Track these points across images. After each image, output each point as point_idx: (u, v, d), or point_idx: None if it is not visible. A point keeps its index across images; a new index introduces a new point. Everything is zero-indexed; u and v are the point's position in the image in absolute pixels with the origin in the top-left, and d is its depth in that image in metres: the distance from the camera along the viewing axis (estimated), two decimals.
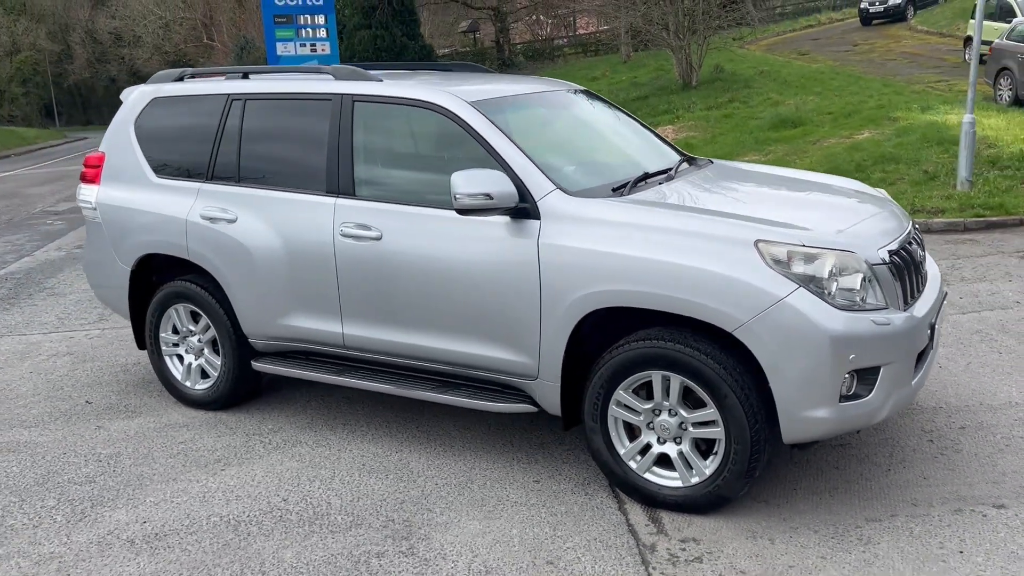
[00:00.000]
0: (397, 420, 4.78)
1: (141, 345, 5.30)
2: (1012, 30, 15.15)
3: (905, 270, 3.63)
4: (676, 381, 3.55)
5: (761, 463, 3.51)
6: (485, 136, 3.99)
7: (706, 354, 3.45)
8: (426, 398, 4.24)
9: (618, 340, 3.74)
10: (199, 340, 5.00)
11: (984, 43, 19.21)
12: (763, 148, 12.92)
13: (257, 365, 4.78)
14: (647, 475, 3.73)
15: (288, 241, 4.45)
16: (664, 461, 3.71)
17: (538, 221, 3.80)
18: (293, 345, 4.68)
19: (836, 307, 3.30)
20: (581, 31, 47.06)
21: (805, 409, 3.32)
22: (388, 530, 3.65)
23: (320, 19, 26.40)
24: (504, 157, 3.91)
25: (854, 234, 3.61)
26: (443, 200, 4.16)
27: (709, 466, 3.58)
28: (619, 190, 4.00)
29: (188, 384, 5.09)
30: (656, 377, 3.59)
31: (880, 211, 4.05)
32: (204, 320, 4.91)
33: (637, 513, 3.70)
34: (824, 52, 25.43)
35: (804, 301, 3.28)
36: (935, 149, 11.18)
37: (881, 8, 31.07)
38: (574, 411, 3.93)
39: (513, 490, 3.95)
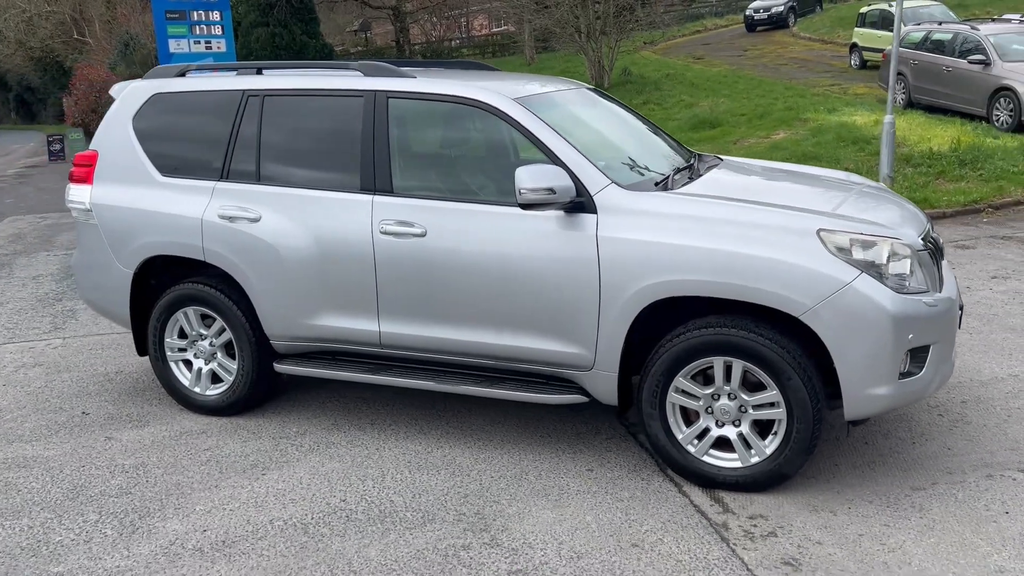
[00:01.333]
0: (423, 417, 4.77)
1: (142, 352, 5.09)
2: (904, 38, 16.20)
3: (933, 256, 3.93)
4: (738, 366, 3.72)
5: (819, 440, 3.73)
6: (536, 132, 4.06)
7: (769, 339, 3.64)
8: (472, 393, 4.27)
9: (666, 329, 3.89)
10: (211, 344, 4.85)
11: (876, 50, 20.55)
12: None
13: (280, 367, 4.68)
14: (705, 458, 3.89)
15: (320, 239, 4.38)
16: (720, 444, 3.88)
17: (594, 215, 3.90)
18: (320, 345, 4.61)
19: (893, 291, 3.55)
20: (475, 33, 47.26)
21: (868, 387, 3.56)
22: (464, 523, 3.67)
23: (215, 15, 25.54)
24: (557, 153, 3.99)
25: (895, 223, 3.88)
26: (489, 196, 4.22)
27: (769, 445, 3.77)
28: (661, 184, 4.14)
29: (197, 390, 4.92)
30: (718, 363, 3.76)
31: (900, 202, 4.35)
32: (218, 323, 4.77)
33: (698, 495, 3.85)
34: (718, 56, 26.47)
35: (867, 286, 3.51)
36: (852, 148, 11.89)
37: (765, 15, 32.56)
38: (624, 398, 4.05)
39: (570, 479, 4.03)
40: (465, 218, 4.14)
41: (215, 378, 4.91)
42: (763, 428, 3.82)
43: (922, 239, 3.88)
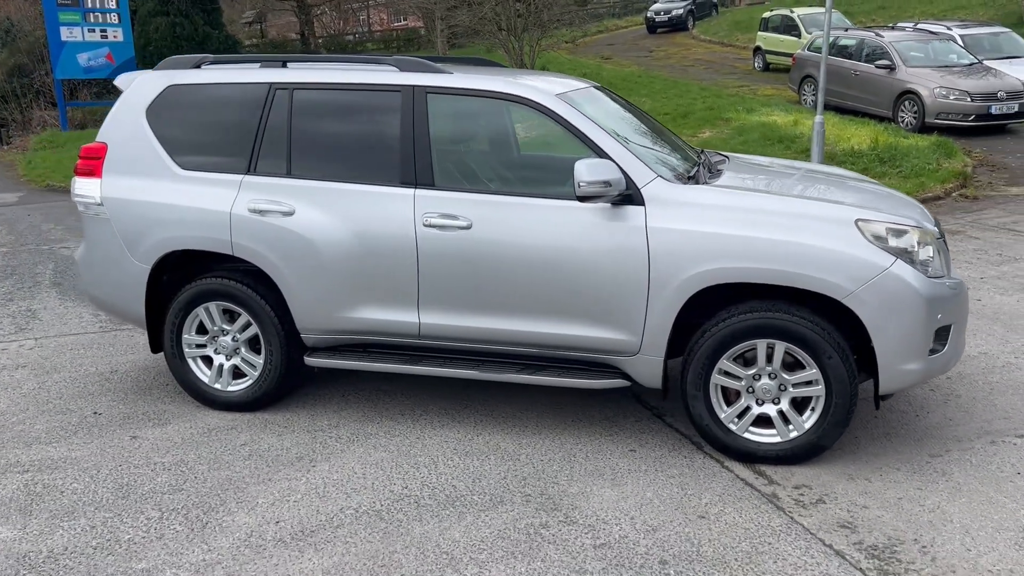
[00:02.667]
0: (451, 407, 4.87)
1: (156, 349, 4.99)
2: (812, 43, 17.15)
3: (944, 244, 4.32)
4: (780, 347, 4.00)
5: (853, 413, 4.05)
6: (581, 127, 4.23)
7: (811, 321, 3.93)
8: (516, 380, 4.41)
9: (701, 314, 4.13)
10: (233, 339, 4.80)
11: (778, 53, 21.57)
12: None
13: (311, 360, 4.69)
14: (746, 435, 4.15)
15: (359, 233, 4.42)
16: (759, 421, 4.15)
17: (642, 207, 4.10)
18: (354, 338, 4.64)
19: (924, 275, 3.90)
20: (376, 28, 46.77)
21: (902, 363, 3.90)
22: (533, 504, 3.82)
23: (111, 3, 24.54)
24: (604, 147, 4.17)
25: (915, 213, 4.25)
26: (534, 189, 4.37)
27: (807, 421, 4.06)
28: (693, 177, 4.38)
29: (218, 386, 4.87)
30: (761, 345, 4.03)
31: (900, 195, 4.74)
32: (243, 318, 4.73)
33: (740, 469, 4.12)
34: (626, 57, 27.20)
35: (903, 271, 3.85)
36: (778, 146, 12.53)
37: (665, 18, 33.67)
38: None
39: (617, 460, 4.23)
40: (511, 211, 4.27)
41: (235, 374, 4.87)
42: (799, 405, 4.11)
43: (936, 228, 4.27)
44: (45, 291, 7.57)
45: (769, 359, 4.04)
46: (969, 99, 13.59)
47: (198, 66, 4.90)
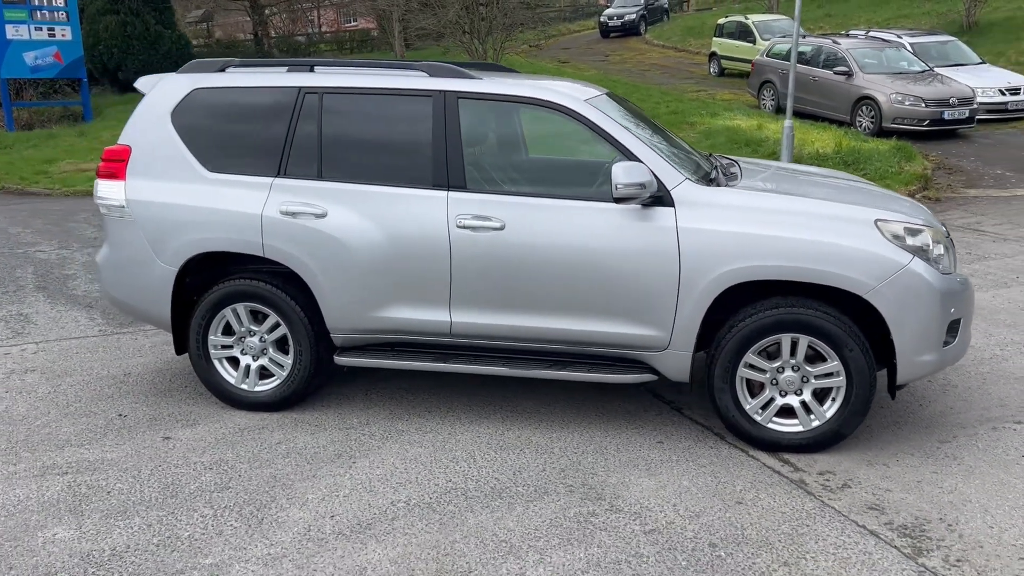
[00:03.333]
0: (475, 404, 4.99)
1: (180, 350, 5.02)
2: (770, 49, 17.65)
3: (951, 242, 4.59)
4: (804, 341, 4.22)
5: (871, 402, 4.29)
6: (611, 132, 4.40)
7: (833, 316, 4.16)
8: (546, 376, 4.56)
9: (725, 309, 4.34)
10: (261, 340, 4.86)
11: (733, 59, 22.09)
12: None
13: (341, 359, 4.77)
14: (770, 425, 4.37)
15: (392, 234, 4.52)
16: (781, 411, 4.37)
17: (671, 208, 4.29)
18: (385, 337, 4.74)
19: (938, 272, 4.16)
20: (327, 29, 46.43)
21: (919, 355, 4.15)
22: (577, 494, 3.97)
23: (59, 1, 23.96)
24: (634, 151, 4.35)
25: (923, 214, 4.51)
26: (564, 191, 4.53)
27: (828, 410, 4.29)
28: (713, 180, 4.58)
29: (245, 387, 4.92)
30: (785, 339, 4.24)
31: (905, 197, 5.01)
32: (272, 319, 4.79)
33: (765, 458, 4.33)
34: (583, 61, 27.55)
35: (920, 268, 4.10)
36: (745, 150, 12.89)
37: (618, 22, 34.15)
38: None
39: (647, 451, 4.41)
40: (544, 212, 4.42)
41: (261, 374, 4.92)
42: (819, 396, 4.33)
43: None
44: (32, 295, 7.46)
45: (792, 352, 4.26)
46: (923, 105, 14.16)
47: (223, 69, 4.94)
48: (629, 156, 4.34)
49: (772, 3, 30.83)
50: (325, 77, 4.76)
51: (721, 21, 23.85)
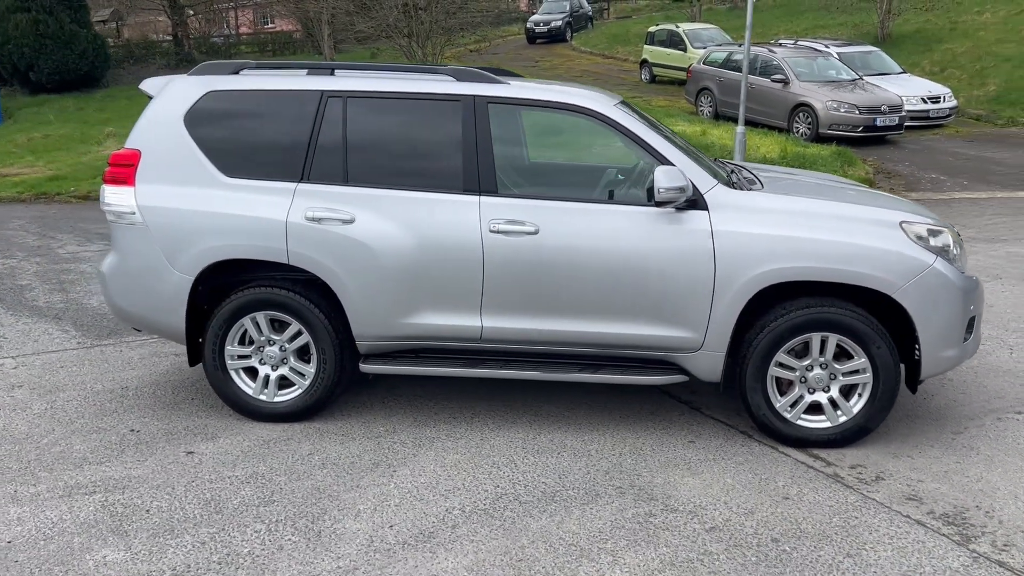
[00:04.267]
0: (498, 409, 4.98)
1: (194, 362, 4.85)
2: (707, 57, 18.11)
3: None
4: (832, 339, 4.36)
5: (896, 397, 4.47)
6: (644, 137, 4.47)
7: (861, 315, 4.32)
8: (580, 380, 4.59)
9: (754, 311, 4.46)
10: (281, 349, 4.74)
11: (664, 66, 22.56)
12: None
13: (366, 367, 4.70)
14: (799, 422, 4.50)
15: (422, 239, 4.48)
16: (809, 408, 4.51)
17: (705, 211, 4.38)
18: (412, 343, 4.69)
19: (958, 271, 4.37)
20: (245, 30, 45.39)
21: (942, 351, 4.35)
22: (629, 495, 4.01)
23: None
24: (667, 156, 4.42)
25: (933, 216, 4.72)
26: (596, 195, 4.58)
27: (855, 406, 4.45)
28: (736, 184, 4.69)
29: (263, 398, 4.79)
30: (815, 338, 4.38)
31: (910, 201, 5.23)
32: (293, 327, 4.68)
33: (796, 454, 4.45)
34: (513, 66, 27.58)
35: (943, 267, 4.30)
36: None
37: (545, 29, 34.46)
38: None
39: (683, 451, 4.48)
40: (577, 216, 4.45)
41: (281, 384, 4.81)
42: (845, 392, 4.48)
43: None
44: None
45: (821, 350, 4.40)
46: (858, 112, 14.77)
47: (237, 72, 4.81)
48: (662, 160, 4.41)
49: (694, 12, 31.64)
50: (348, 81, 4.68)
51: (652, 29, 24.35)
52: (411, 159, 4.63)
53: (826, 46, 18.04)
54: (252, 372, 4.81)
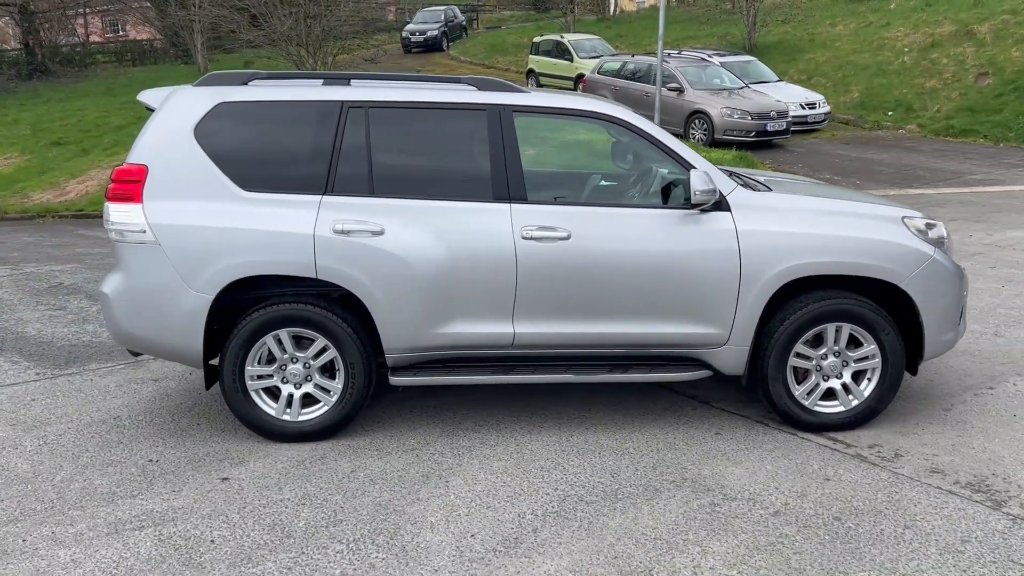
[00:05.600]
0: (518, 414, 5.03)
1: (210, 385, 4.65)
2: (601, 67, 18.64)
3: None
4: (846, 329, 4.67)
5: (902, 380, 4.81)
6: (666, 143, 4.64)
7: (871, 304, 4.64)
8: (610, 380, 4.70)
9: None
10: (305, 366, 4.62)
11: (550, 75, 23.03)
12: None
13: (396, 379, 4.65)
14: (816, 408, 4.78)
15: (455, 248, 4.48)
16: (823, 394, 4.79)
17: (728, 212, 4.59)
18: (443, 354, 4.67)
19: (952, 260, 4.77)
20: (95, 39, 42.97)
21: (942, 334, 4.73)
22: (686, 488, 4.15)
23: None
24: (691, 160, 4.61)
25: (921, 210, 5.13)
26: (625, 199, 4.72)
27: (865, 390, 4.77)
28: (747, 187, 4.93)
29: (287, 417, 4.65)
30: (830, 328, 4.67)
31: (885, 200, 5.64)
32: (319, 343, 4.57)
33: (815, 438, 4.72)
34: None
35: (941, 257, 4.68)
36: (607, 161, 13.57)
37: (421, 38, 34.42)
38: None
39: (716, 443, 4.66)
40: (607, 220, 4.57)
41: (305, 402, 4.68)
42: (855, 377, 4.79)
43: None
44: None
45: (836, 340, 4.70)
46: (750, 118, 15.61)
47: (246, 82, 4.66)
48: (686, 165, 4.60)
49: (568, 23, 32.45)
50: (367, 91, 4.62)
51: (536, 40, 24.81)
52: (437, 169, 4.62)
53: (709, 56, 18.94)
54: (271, 392, 4.66)
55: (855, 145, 16.91)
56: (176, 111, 4.55)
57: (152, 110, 4.68)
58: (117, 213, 4.45)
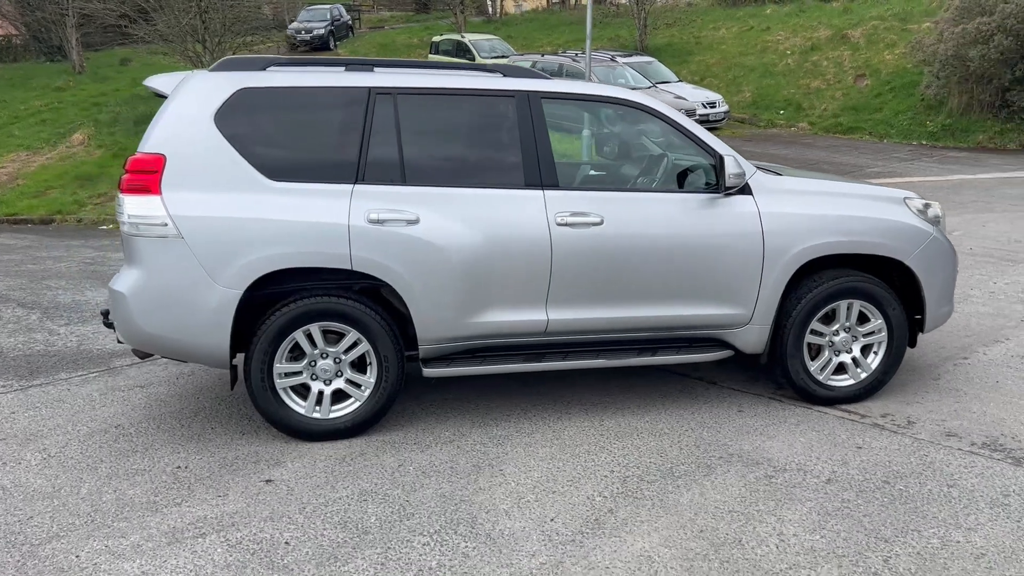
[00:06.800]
0: (541, 401, 5.03)
1: (234, 385, 4.44)
2: None
3: None
4: (856, 305, 4.91)
5: (905, 352, 5.10)
6: (691, 129, 4.75)
7: (878, 281, 4.90)
8: (639, 363, 4.78)
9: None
10: (336, 361, 4.48)
11: None
12: None
13: (430, 371, 4.57)
14: (829, 382, 5.00)
15: (491, 236, 4.44)
16: (835, 369, 5.03)
17: (750, 196, 4.75)
18: (476, 343, 4.63)
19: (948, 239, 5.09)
20: None
21: (941, 308, 5.04)
22: (737, 463, 4.26)
23: None
24: (714, 146, 4.74)
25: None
26: (653, 184, 4.81)
27: (873, 363, 5.03)
28: (765, 171, 5.10)
29: (317, 415, 4.50)
30: (843, 305, 4.90)
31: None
32: (351, 336, 4.44)
33: (830, 411, 4.94)
34: None
35: (939, 235, 4.99)
36: None
37: (308, 36, 33.63)
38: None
39: (744, 420, 4.80)
40: (639, 205, 4.65)
41: (336, 398, 4.54)
42: (863, 351, 5.05)
43: None
44: None
45: (847, 316, 4.93)
46: None
47: (264, 68, 4.47)
48: (708, 151, 4.72)
49: (459, 23, 32.47)
50: (394, 77, 4.52)
51: (436, 39, 24.73)
52: (467, 156, 4.57)
53: (612, 58, 19.39)
54: (299, 389, 4.49)
55: (757, 142, 17.70)
56: (193, 97, 4.31)
57: (159, 96, 4.42)
58: (134, 206, 4.18)
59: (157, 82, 4.48)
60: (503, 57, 21.50)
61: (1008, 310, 6.81)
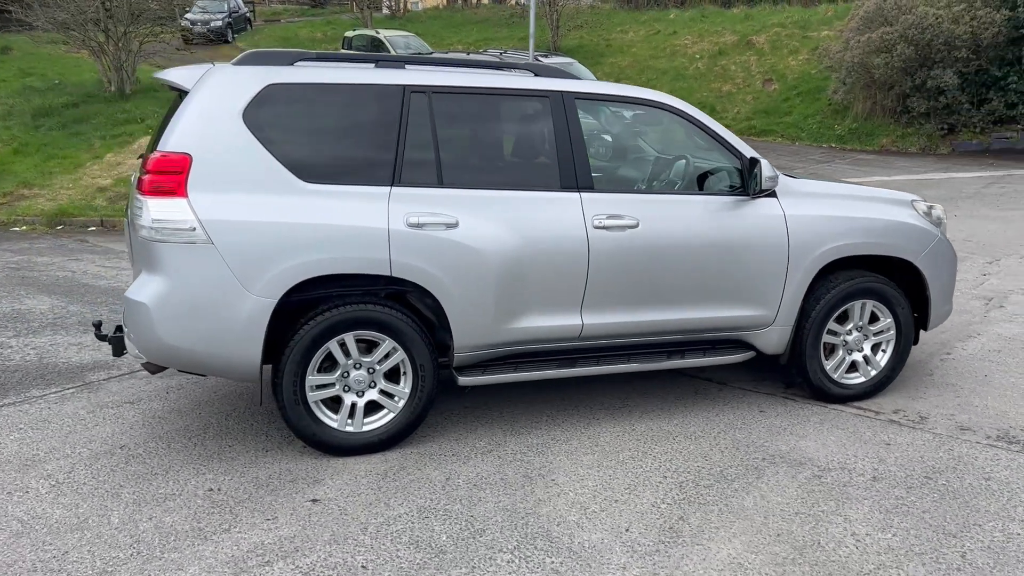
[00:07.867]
0: (565, 407, 4.97)
1: (263, 400, 4.18)
2: None
3: None
4: (869, 305, 5.05)
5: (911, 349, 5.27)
6: (718, 131, 4.77)
7: (889, 281, 5.06)
8: (669, 366, 4.78)
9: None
10: (370, 371, 4.28)
11: None
12: None
13: (465, 379, 4.43)
14: (843, 380, 5.12)
15: (529, 240, 4.34)
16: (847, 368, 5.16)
17: (775, 198, 4.81)
18: (511, 349, 4.51)
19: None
20: None
21: (943, 305, 5.24)
22: (780, 464, 4.29)
23: None
24: (741, 150, 4.77)
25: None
26: (682, 187, 4.80)
27: (882, 361, 5.18)
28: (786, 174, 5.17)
29: (350, 428, 4.29)
30: (856, 305, 5.03)
31: None
32: (386, 345, 4.25)
33: (845, 408, 5.06)
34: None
35: (944, 236, 5.18)
36: None
37: (204, 29, 32.32)
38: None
39: (770, 420, 4.85)
40: (674, 208, 4.63)
41: (369, 410, 4.34)
42: (874, 349, 5.19)
43: None
44: None
45: (860, 316, 5.06)
46: None
47: (292, 63, 4.22)
48: (736, 154, 4.75)
49: (366, 18, 31.90)
50: (427, 75, 4.35)
51: (349, 35, 24.17)
52: (503, 157, 4.45)
53: (537, 59, 19.39)
54: (331, 402, 4.27)
55: None
56: (218, 93, 4.03)
57: (178, 91, 4.11)
58: (158, 209, 3.87)
59: (174, 75, 4.17)
60: (420, 55, 21.18)
61: (968, 306, 7.15)
